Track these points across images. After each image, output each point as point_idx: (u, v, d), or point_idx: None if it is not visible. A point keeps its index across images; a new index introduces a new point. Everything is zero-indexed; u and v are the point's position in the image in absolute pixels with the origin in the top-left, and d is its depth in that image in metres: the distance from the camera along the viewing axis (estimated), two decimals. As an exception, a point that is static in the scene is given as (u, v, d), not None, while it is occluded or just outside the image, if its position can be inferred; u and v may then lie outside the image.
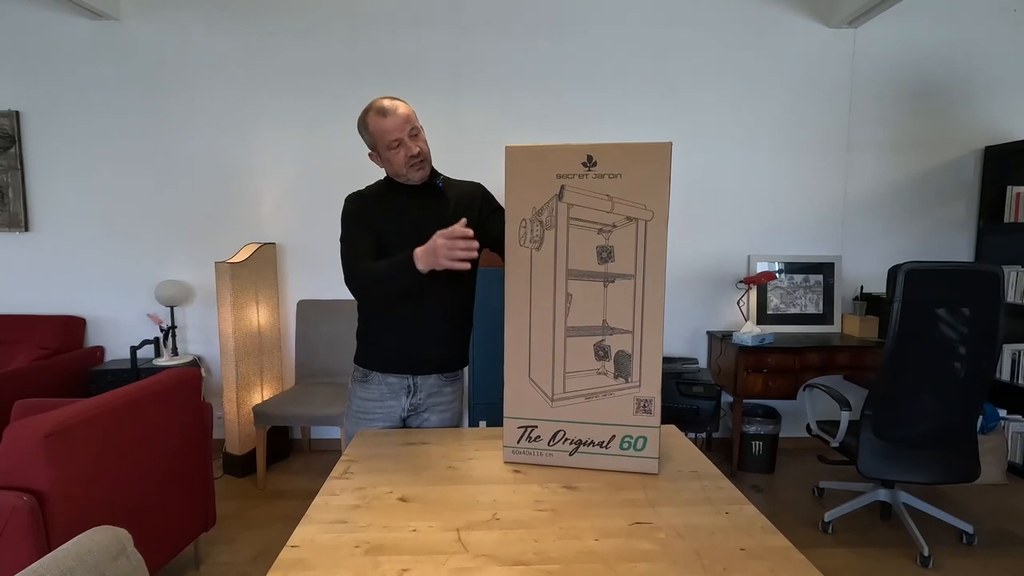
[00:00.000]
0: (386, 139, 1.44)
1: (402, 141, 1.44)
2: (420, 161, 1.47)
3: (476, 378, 2.99)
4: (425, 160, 1.49)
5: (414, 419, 1.59)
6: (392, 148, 1.46)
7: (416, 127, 1.47)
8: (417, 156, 1.46)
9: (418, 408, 1.58)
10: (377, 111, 1.44)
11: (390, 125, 1.43)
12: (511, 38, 3.20)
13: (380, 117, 1.43)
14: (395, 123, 1.43)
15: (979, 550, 2.34)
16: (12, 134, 3.19)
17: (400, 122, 1.43)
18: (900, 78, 3.29)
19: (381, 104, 1.44)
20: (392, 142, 1.44)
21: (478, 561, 0.92)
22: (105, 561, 0.74)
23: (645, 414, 1.21)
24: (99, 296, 3.31)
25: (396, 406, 1.56)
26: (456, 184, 1.61)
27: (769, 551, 0.94)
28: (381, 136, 1.45)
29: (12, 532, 1.39)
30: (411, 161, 1.46)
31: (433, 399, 1.58)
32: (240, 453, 2.99)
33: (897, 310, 2.11)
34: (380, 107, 1.44)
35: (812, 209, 3.36)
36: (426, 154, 1.49)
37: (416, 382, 1.56)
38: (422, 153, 1.47)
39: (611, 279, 1.20)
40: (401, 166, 1.47)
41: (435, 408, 1.59)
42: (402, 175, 1.50)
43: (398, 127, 1.43)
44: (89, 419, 1.59)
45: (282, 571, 0.89)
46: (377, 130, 1.44)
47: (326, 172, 3.24)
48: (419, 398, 1.57)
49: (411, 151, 1.45)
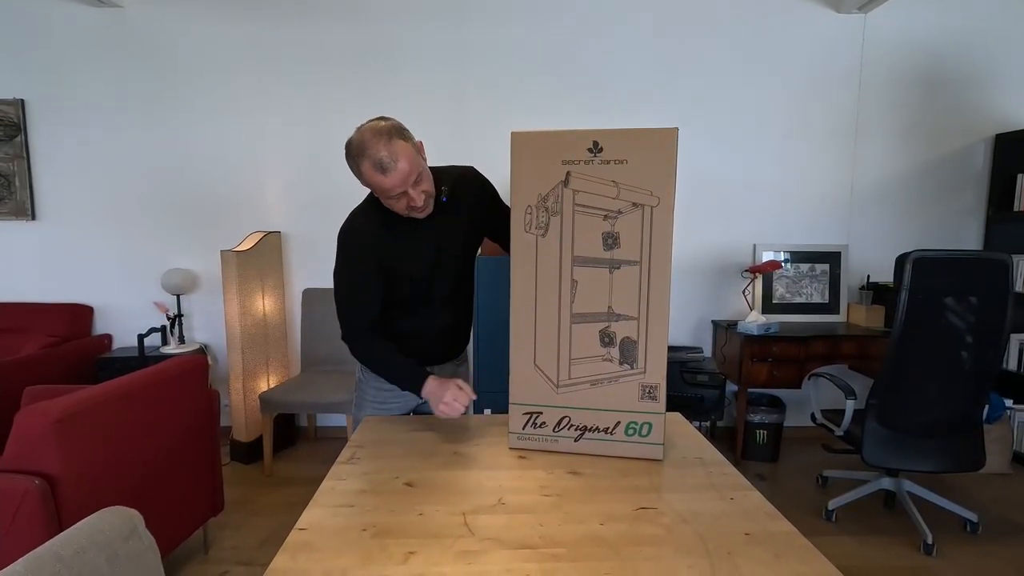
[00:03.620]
0: (385, 195, 1.29)
1: (404, 193, 1.27)
2: (425, 206, 1.32)
3: (481, 365, 2.99)
4: (431, 198, 1.32)
5: (427, 404, 1.59)
6: (387, 200, 1.30)
7: (418, 174, 1.26)
8: (422, 207, 1.31)
9: None
10: (374, 165, 1.22)
11: (390, 183, 1.24)
12: (516, 25, 3.18)
13: (378, 173, 1.23)
14: (396, 180, 1.24)
15: (983, 539, 2.34)
16: (17, 122, 3.19)
17: (401, 179, 1.24)
18: (910, 65, 3.24)
19: (378, 157, 1.22)
20: (391, 197, 1.28)
21: (484, 544, 0.92)
22: (117, 541, 0.75)
23: (650, 400, 1.22)
24: (106, 284, 3.32)
25: (412, 395, 1.56)
26: (451, 178, 1.43)
27: (773, 536, 0.95)
28: (378, 191, 1.29)
29: (24, 515, 1.41)
30: (413, 211, 1.31)
31: None
32: (247, 440, 3.02)
33: (904, 299, 2.10)
34: (378, 161, 1.22)
35: (819, 198, 3.34)
36: (431, 194, 1.31)
37: (431, 370, 1.56)
38: (426, 199, 1.31)
39: (617, 265, 1.19)
40: (401, 210, 1.32)
41: None
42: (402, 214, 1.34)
43: (399, 183, 1.24)
44: (98, 405, 1.61)
45: (290, 553, 0.90)
46: (374, 184, 1.27)
47: (331, 160, 3.24)
48: None
49: (414, 202, 1.28)
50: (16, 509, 1.41)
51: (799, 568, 0.86)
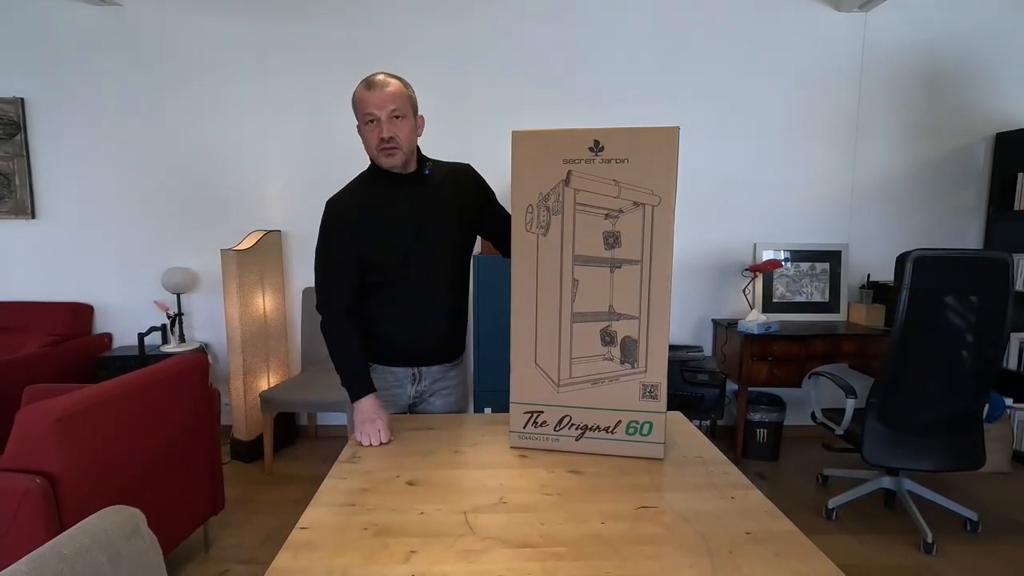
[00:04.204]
0: (361, 111, 1.34)
1: (377, 120, 1.32)
2: (391, 148, 1.34)
3: (482, 365, 3.00)
4: (398, 148, 1.35)
5: (419, 404, 1.60)
6: (366, 123, 1.34)
7: (401, 111, 1.33)
8: (388, 141, 1.33)
9: (424, 394, 1.59)
10: (366, 82, 1.33)
11: (370, 99, 1.31)
12: (517, 22, 3.17)
13: (364, 88, 1.32)
14: (377, 99, 1.30)
15: (983, 537, 2.34)
16: (17, 121, 3.19)
17: (382, 99, 1.30)
18: (910, 63, 3.24)
19: (373, 76, 1.33)
20: (366, 116, 1.33)
21: (486, 543, 0.92)
22: (119, 539, 0.75)
23: (651, 399, 1.22)
24: (106, 283, 3.32)
25: (402, 394, 1.57)
26: (443, 167, 1.50)
27: (774, 535, 0.95)
28: (359, 107, 1.34)
29: (25, 514, 1.41)
30: (380, 144, 1.34)
31: (438, 384, 1.59)
32: (247, 439, 3.02)
33: (905, 298, 2.10)
34: (370, 79, 1.33)
35: (819, 197, 3.33)
36: (402, 142, 1.35)
37: (420, 371, 1.56)
38: (395, 140, 1.33)
39: (617, 264, 1.19)
40: (372, 147, 1.37)
41: (440, 392, 1.60)
42: (373, 157, 1.40)
43: (378, 103, 1.31)
44: (99, 404, 1.61)
45: (292, 552, 0.90)
46: (358, 100, 1.34)
47: (330, 158, 3.23)
48: (424, 385, 1.57)
49: (382, 133, 1.32)
50: (17, 508, 1.41)
51: (799, 567, 0.86)
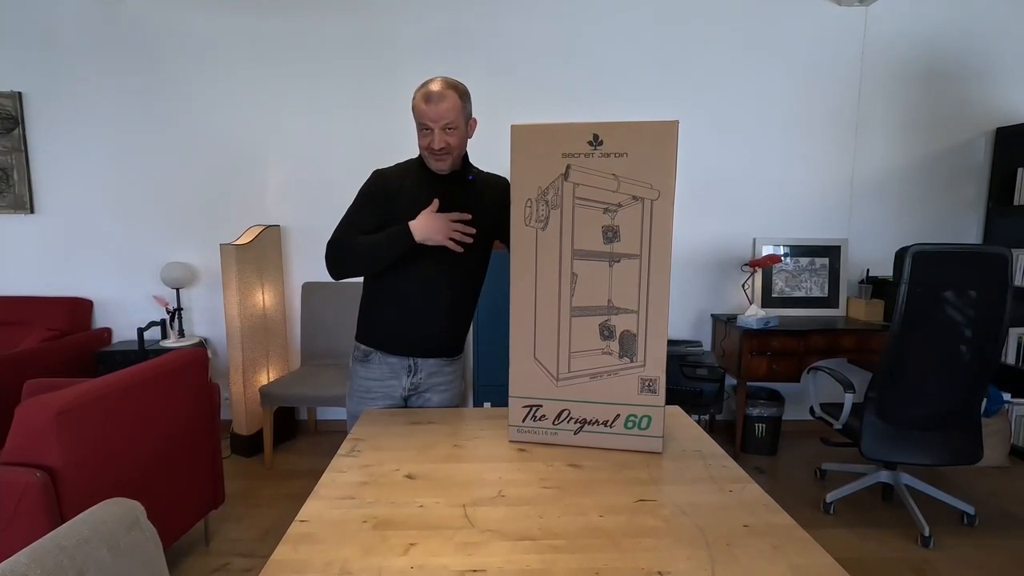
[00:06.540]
0: (418, 119, 1.45)
1: (431, 130, 1.43)
2: (442, 155, 1.46)
3: (481, 359, 3.00)
4: (448, 155, 1.47)
5: (415, 399, 1.60)
6: (421, 130, 1.46)
7: (454, 123, 1.43)
8: (438, 151, 1.45)
9: (419, 388, 1.59)
10: (424, 94, 1.42)
11: (426, 112, 1.42)
12: (516, 16, 3.16)
13: (422, 100, 1.42)
14: (432, 113, 1.41)
15: (980, 531, 2.35)
16: (15, 115, 3.18)
17: (438, 114, 1.41)
18: (910, 58, 3.23)
19: (431, 89, 1.41)
20: (422, 124, 1.45)
21: (484, 536, 0.93)
22: (119, 532, 0.76)
23: (650, 393, 1.22)
24: (105, 278, 3.32)
25: (397, 385, 1.57)
26: (484, 176, 1.60)
27: (772, 528, 0.95)
28: (416, 114, 1.45)
29: (26, 507, 1.42)
30: (431, 150, 1.46)
31: (434, 379, 1.59)
32: (247, 433, 3.02)
33: (904, 292, 2.10)
34: (427, 92, 1.41)
35: (819, 191, 3.33)
36: (452, 149, 1.46)
37: (416, 362, 1.57)
38: (445, 149, 1.45)
39: (616, 259, 1.19)
40: (423, 148, 1.48)
41: (436, 388, 1.60)
42: (424, 157, 1.51)
43: (433, 117, 1.42)
44: (99, 398, 1.61)
45: (292, 544, 0.90)
46: (415, 108, 1.45)
47: (330, 154, 3.22)
48: (419, 378, 1.58)
49: (433, 143, 1.44)
50: (17, 501, 1.41)
51: (797, 560, 0.87)
